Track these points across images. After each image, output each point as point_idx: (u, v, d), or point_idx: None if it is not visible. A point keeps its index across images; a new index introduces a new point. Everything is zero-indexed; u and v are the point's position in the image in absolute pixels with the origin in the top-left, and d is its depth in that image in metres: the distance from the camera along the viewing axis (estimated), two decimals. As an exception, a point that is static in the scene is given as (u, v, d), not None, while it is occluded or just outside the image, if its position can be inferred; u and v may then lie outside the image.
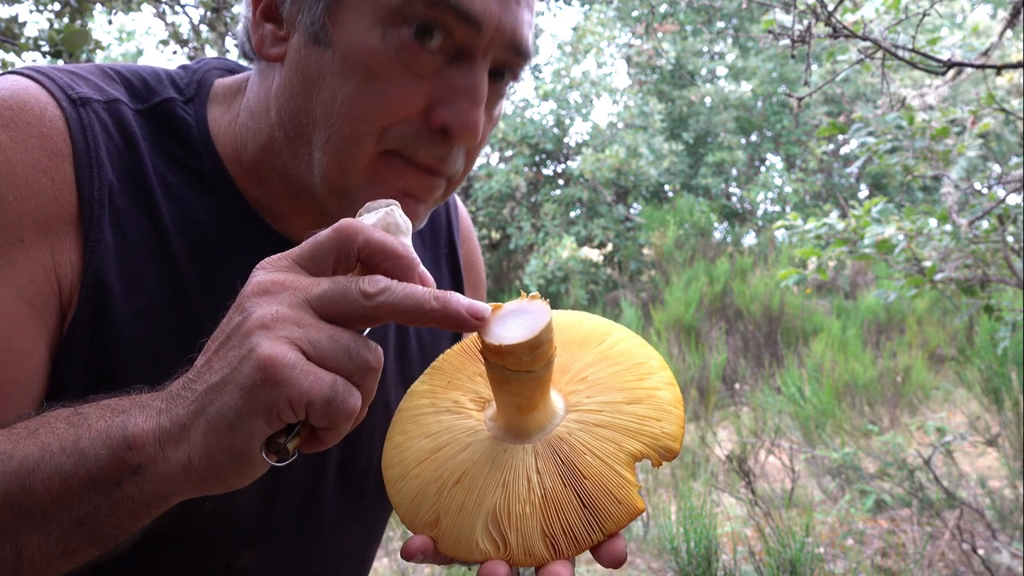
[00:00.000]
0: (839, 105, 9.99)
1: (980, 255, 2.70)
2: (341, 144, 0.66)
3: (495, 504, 0.54)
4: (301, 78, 0.67)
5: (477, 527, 0.54)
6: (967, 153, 2.59)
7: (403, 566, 3.10)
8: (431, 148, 0.67)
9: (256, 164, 0.72)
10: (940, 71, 1.83)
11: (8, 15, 2.40)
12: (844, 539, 3.24)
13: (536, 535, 0.53)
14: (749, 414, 4.91)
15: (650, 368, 0.59)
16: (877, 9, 1.91)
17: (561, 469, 0.54)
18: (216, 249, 0.71)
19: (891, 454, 3.71)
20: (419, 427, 0.61)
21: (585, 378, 0.59)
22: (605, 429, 0.56)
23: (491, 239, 9.85)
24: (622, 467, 0.54)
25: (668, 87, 11.05)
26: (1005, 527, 3.09)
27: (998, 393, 3.56)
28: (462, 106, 0.65)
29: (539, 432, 0.56)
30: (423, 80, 0.65)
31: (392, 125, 0.65)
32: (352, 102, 0.64)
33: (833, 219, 2.93)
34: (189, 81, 0.75)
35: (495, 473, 0.55)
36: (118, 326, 0.66)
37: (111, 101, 0.69)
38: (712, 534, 2.48)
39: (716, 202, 10.10)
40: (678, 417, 0.56)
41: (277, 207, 0.74)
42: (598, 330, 0.63)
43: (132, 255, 0.67)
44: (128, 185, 0.68)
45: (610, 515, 0.53)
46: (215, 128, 0.73)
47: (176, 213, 0.70)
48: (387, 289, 0.48)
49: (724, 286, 6.72)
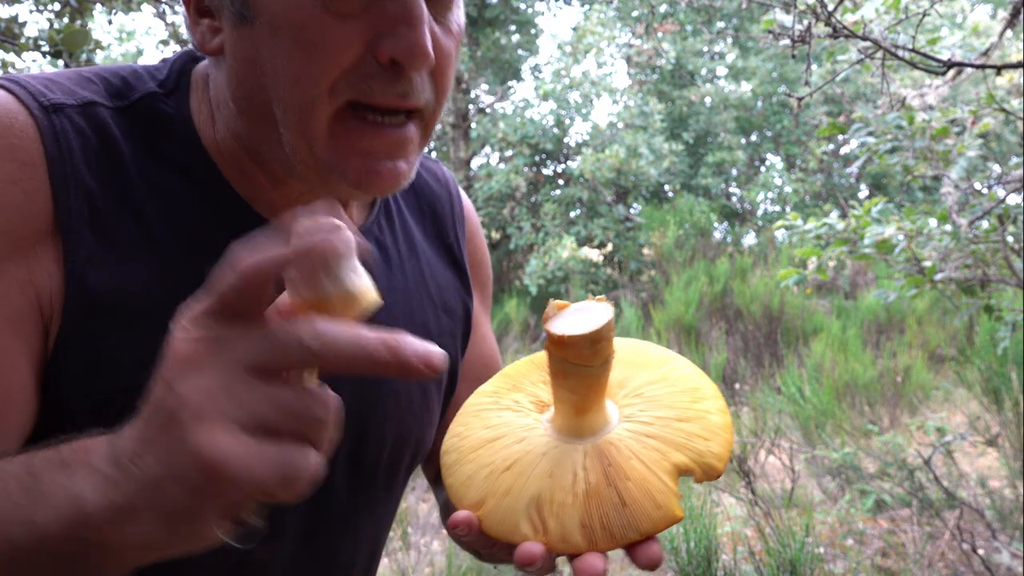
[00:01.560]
0: (839, 105, 9.99)
1: (980, 255, 2.70)
2: (298, 114, 0.64)
3: (540, 491, 0.57)
4: (242, 62, 0.65)
5: (520, 511, 0.57)
6: (967, 153, 2.59)
7: (403, 566, 3.10)
8: (387, 85, 0.64)
9: (235, 156, 0.71)
10: (940, 71, 1.83)
11: (8, 15, 2.40)
12: (844, 539, 3.24)
13: (574, 524, 0.55)
14: (749, 414, 4.91)
15: (704, 394, 0.62)
16: (877, 9, 1.91)
17: (607, 468, 0.57)
18: (208, 243, 0.69)
19: (891, 454, 3.71)
20: (480, 420, 0.65)
21: (641, 394, 0.63)
22: (654, 440, 0.58)
23: (491, 239, 9.85)
24: (665, 475, 0.56)
25: (668, 87, 11.05)
26: (1005, 527, 3.09)
27: (998, 393, 3.56)
28: (402, 32, 0.62)
29: (591, 436, 0.59)
30: (354, 19, 0.62)
31: (340, 77, 0.63)
32: (292, 67, 0.62)
33: (833, 219, 2.93)
34: (169, 73, 0.74)
35: (544, 464, 0.58)
36: (110, 333, 0.64)
37: (85, 104, 0.67)
38: (712, 534, 2.48)
39: (716, 202, 10.10)
40: (726, 441, 0.59)
41: (263, 196, 0.73)
42: (661, 357, 0.67)
43: (120, 260, 0.65)
44: (110, 188, 0.66)
45: (648, 517, 0.55)
46: (197, 119, 0.72)
47: (164, 210, 0.68)
48: (332, 341, 0.42)
49: (724, 286, 6.72)
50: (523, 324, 7.48)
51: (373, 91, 0.64)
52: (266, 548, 0.76)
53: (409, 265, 0.86)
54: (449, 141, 10.15)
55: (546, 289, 8.38)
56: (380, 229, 0.84)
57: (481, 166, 9.84)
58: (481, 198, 9.10)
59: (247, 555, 0.75)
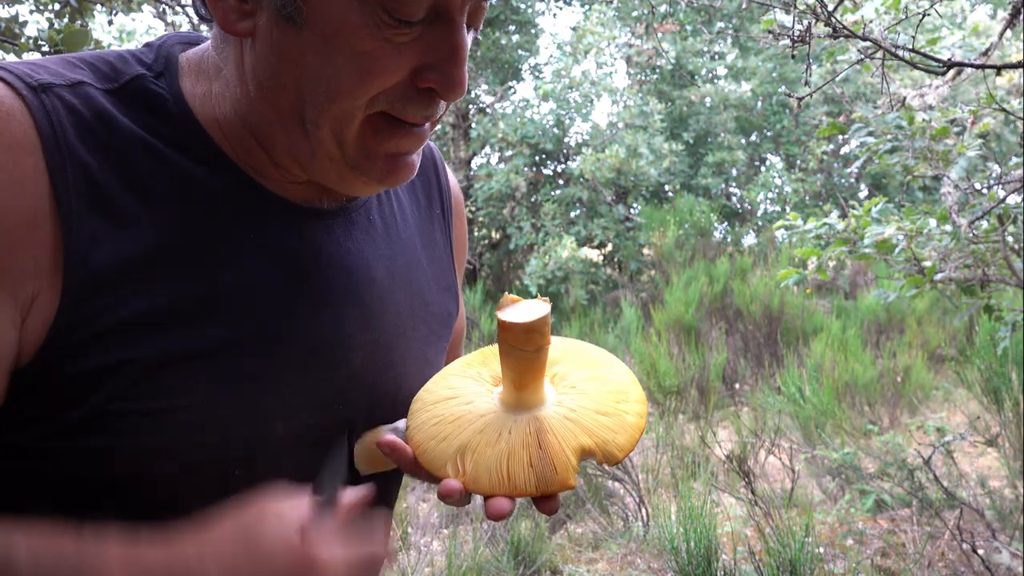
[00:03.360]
0: (839, 105, 9.99)
1: (980, 255, 2.70)
2: (335, 121, 0.67)
3: (468, 441, 0.71)
4: (280, 58, 0.66)
5: (449, 454, 0.71)
6: (967, 153, 2.59)
7: (403, 566, 3.10)
8: (419, 107, 0.68)
9: (239, 136, 0.72)
10: (940, 71, 1.83)
11: (8, 15, 2.40)
12: (844, 539, 3.24)
13: (487, 472, 0.69)
14: (749, 414, 4.91)
15: (628, 397, 0.74)
16: (877, 9, 1.91)
17: (526, 436, 0.70)
18: (212, 216, 0.70)
19: (891, 454, 3.71)
20: (446, 382, 0.79)
21: (575, 387, 0.75)
22: (572, 423, 0.71)
23: (491, 239, 9.85)
24: (571, 451, 0.69)
25: (668, 87, 11.05)
26: (1005, 527, 3.09)
27: (998, 393, 3.56)
28: (447, 69, 0.67)
29: (526, 411, 0.72)
30: (405, 48, 0.66)
31: (379, 94, 0.67)
32: (340, 81, 0.65)
33: (833, 219, 2.93)
34: (156, 57, 0.73)
35: (479, 423, 0.72)
36: (115, 308, 0.63)
37: (75, 84, 0.66)
38: (712, 534, 2.48)
39: (716, 202, 10.10)
40: (632, 437, 0.71)
41: (266, 172, 0.74)
42: (603, 360, 0.79)
43: (124, 232, 0.65)
44: (108, 163, 0.65)
45: (546, 479, 0.68)
46: (191, 101, 0.72)
47: (168, 185, 0.68)
48: None
49: (724, 286, 6.72)
50: (523, 324, 7.45)
51: (407, 111, 0.68)
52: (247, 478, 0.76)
53: (405, 236, 0.87)
54: (449, 141, 10.14)
55: (546, 289, 8.37)
56: (380, 201, 0.85)
57: (481, 166, 9.83)
58: (481, 198, 9.09)
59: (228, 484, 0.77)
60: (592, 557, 3.35)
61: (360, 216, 0.81)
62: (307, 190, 0.76)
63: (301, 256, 0.74)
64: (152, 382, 0.64)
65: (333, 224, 0.77)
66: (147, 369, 0.64)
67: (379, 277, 0.80)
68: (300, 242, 0.74)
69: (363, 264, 0.78)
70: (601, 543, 3.43)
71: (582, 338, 7.04)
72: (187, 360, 0.66)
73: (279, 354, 0.70)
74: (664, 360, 5.16)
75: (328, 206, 0.78)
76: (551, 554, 3.25)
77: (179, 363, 0.65)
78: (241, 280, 0.70)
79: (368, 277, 0.79)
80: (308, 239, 0.75)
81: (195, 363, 0.66)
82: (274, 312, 0.71)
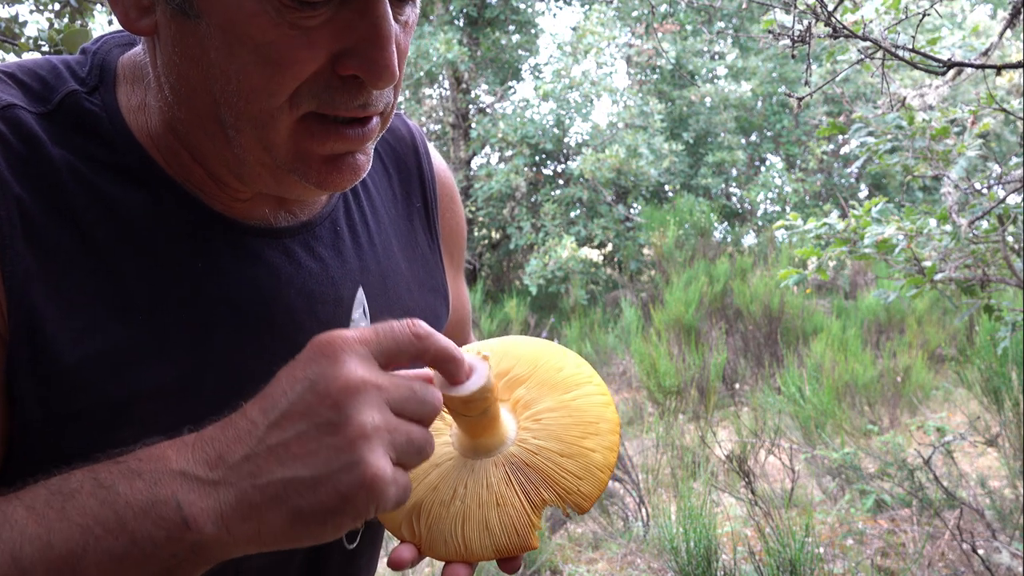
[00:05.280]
0: (839, 105, 9.99)
1: (980, 255, 2.70)
2: (254, 123, 0.60)
3: (422, 500, 0.65)
4: (182, 56, 0.60)
5: (403, 514, 0.65)
6: (967, 153, 2.59)
7: (403, 566, 3.09)
8: (348, 98, 0.61)
9: (173, 150, 0.66)
10: (940, 71, 1.83)
11: (8, 15, 2.40)
12: (844, 539, 3.24)
13: (442, 538, 0.64)
14: (749, 414, 4.91)
15: (598, 430, 0.67)
16: (877, 9, 1.91)
17: (482, 492, 0.64)
18: (157, 245, 0.65)
19: (891, 454, 3.71)
20: None
21: (540, 419, 0.68)
22: (533, 471, 0.65)
23: (491, 239, 9.85)
24: (532, 508, 0.63)
25: (668, 87, 11.05)
26: (1005, 527, 3.09)
27: (998, 393, 3.56)
28: (367, 52, 0.58)
29: (485, 454, 0.66)
30: (316, 32, 0.58)
31: (300, 88, 0.59)
32: (249, 79, 0.58)
33: (833, 219, 2.93)
34: (90, 67, 0.67)
35: (433, 477, 0.66)
36: (59, 352, 0.59)
37: (5, 107, 0.61)
38: (712, 534, 2.48)
39: (716, 202, 10.10)
40: (600, 481, 0.65)
41: (207, 189, 0.68)
42: (572, 379, 0.71)
43: (60, 272, 0.60)
44: (41, 195, 0.60)
45: (505, 543, 0.63)
46: (128, 114, 0.66)
47: (106, 216, 0.63)
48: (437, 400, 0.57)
49: (724, 286, 6.72)
50: (523, 324, 7.47)
51: (335, 103, 0.61)
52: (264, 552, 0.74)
53: (379, 241, 0.81)
54: (449, 141, 10.15)
55: (546, 289, 8.38)
56: (348, 207, 0.79)
57: (481, 166, 9.83)
58: (481, 198, 9.09)
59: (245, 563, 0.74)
60: (592, 557, 3.35)
61: (325, 229, 0.75)
62: (256, 207, 0.70)
63: (257, 282, 0.68)
64: (111, 431, 0.61)
65: (292, 243, 0.71)
66: (102, 416, 0.61)
67: (348, 295, 0.74)
68: (255, 266, 0.68)
69: (328, 284, 0.73)
70: (601, 543, 3.43)
71: (582, 338, 7.05)
72: (140, 402, 0.62)
73: (239, 390, 0.59)
74: (664, 360, 5.16)
75: (286, 223, 0.72)
76: (551, 554, 3.25)
77: (134, 405, 0.62)
78: (191, 315, 0.65)
79: (335, 296, 0.73)
80: (266, 262, 0.69)
81: (150, 404, 0.62)
82: (229, 347, 0.66)
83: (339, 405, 0.52)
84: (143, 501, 0.51)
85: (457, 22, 10.09)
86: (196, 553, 0.52)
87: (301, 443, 0.52)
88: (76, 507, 0.52)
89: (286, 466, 0.52)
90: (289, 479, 0.51)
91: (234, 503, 0.51)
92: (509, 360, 0.72)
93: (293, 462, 0.52)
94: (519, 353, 0.73)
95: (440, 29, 9.47)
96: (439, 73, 10.01)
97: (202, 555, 0.53)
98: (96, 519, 0.51)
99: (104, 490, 0.52)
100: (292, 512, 0.51)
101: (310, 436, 0.52)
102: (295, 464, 0.51)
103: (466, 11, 10.03)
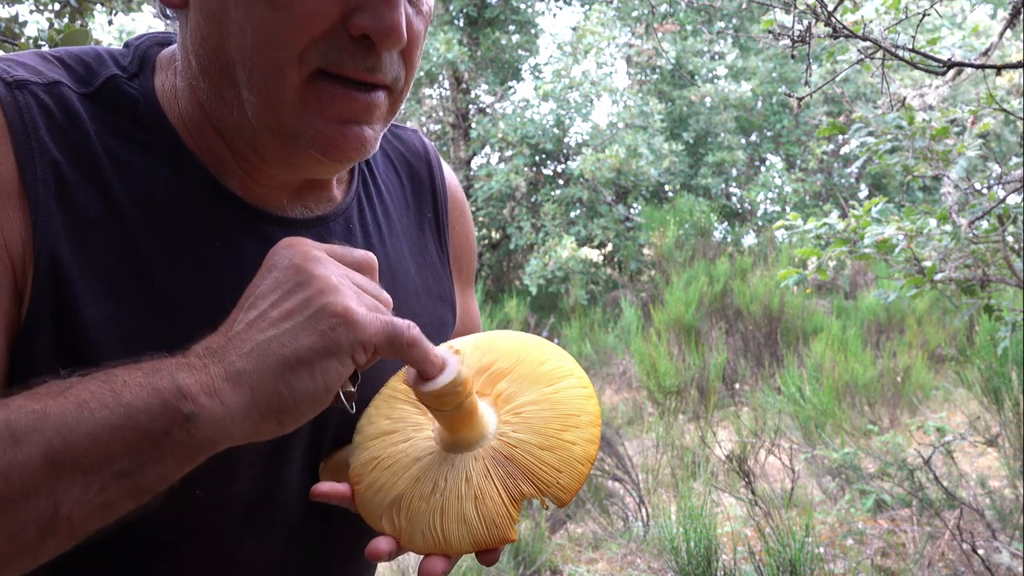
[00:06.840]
0: (839, 105, 9.99)
1: (980, 255, 2.70)
2: (264, 77, 0.63)
3: (402, 494, 0.66)
4: (207, 18, 0.64)
5: (383, 507, 0.66)
6: (967, 153, 2.59)
7: (403, 566, 3.10)
8: (357, 58, 0.64)
9: (200, 127, 0.70)
10: (940, 71, 1.83)
11: (8, 15, 2.40)
12: (844, 539, 3.24)
13: (420, 531, 0.64)
14: (749, 414, 4.91)
15: (578, 423, 0.67)
16: (877, 9, 1.91)
17: (462, 485, 0.65)
18: (179, 223, 0.69)
19: (891, 454, 3.71)
20: (389, 407, 0.73)
21: (520, 413, 0.68)
22: (512, 464, 0.65)
23: (491, 239, 9.85)
24: (510, 501, 0.64)
25: (668, 87, 11.04)
26: (1005, 527, 3.09)
27: (998, 393, 3.56)
28: (379, 9, 0.62)
29: (465, 448, 0.67)
30: None
31: (311, 44, 0.62)
32: (263, 30, 0.62)
33: (833, 219, 2.93)
34: (132, 57, 0.73)
35: (414, 471, 0.67)
36: (80, 308, 0.62)
37: (52, 83, 0.66)
38: (712, 534, 2.48)
39: (716, 202, 10.10)
40: (579, 474, 0.65)
41: (231, 170, 0.72)
42: (553, 373, 0.71)
43: (87, 234, 0.64)
44: (77, 163, 0.65)
45: (483, 537, 0.63)
46: (162, 99, 0.71)
47: (133, 190, 0.67)
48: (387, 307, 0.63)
49: (724, 286, 6.72)
50: (523, 324, 7.47)
51: (343, 62, 0.64)
52: (257, 542, 0.74)
53: (390, 244, 0.83)
54: (449, 141, 10.14)
55: (546, 289, 8.38)
56: (361, 207, 0.82)
57: (481, 166, 9.82)
58: (481, 198, 9.09)
59: (239, 552, 0.74)
60: (592, 557, 3.35)
61: (338, 226, 0.78)
62: (275, 196, 0.74)
63: None
64: None
65: (305, 235, 0.73)
66: None
67: None
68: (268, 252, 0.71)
69: None
70: (601, 543, 3.43)
71: (582, 338, 7.04)
72: None
73: None
74: (664, 360, 5.16)
75: (302, 215, 0.75)
76: (551, 554, 3.25)
77: None
78: (203, 291, 0.68)
79: None
80: None
81: None
82: None
83: (303, 268, 0.58)
84: (140, 379, 0.55)
85: (457, 22, 10.09)
86: (191, 433, 0.54)
87: (275, 308, 0.57)
88: (75, 390, 0.54)
89: (265, 331, 0.56)
90: (271, 338, 0.56)
91: (223, 374, 0.55)
92: (492, 354, 0.73)
93: (270, 326, 0.56)
94: (502, 347, 0.73)
95: (440, 29, 9.47)
96: (439, 73, 10.01)
97: (197, 433, 0.54)
98: (93, 395, 0.54)
99: (103, 375, 0.55)
100: (278, 364, 0.55)
101: (282, 300, 0.57)
102: (272, 327, 0.56)
103: (466, 11, 10.03)
